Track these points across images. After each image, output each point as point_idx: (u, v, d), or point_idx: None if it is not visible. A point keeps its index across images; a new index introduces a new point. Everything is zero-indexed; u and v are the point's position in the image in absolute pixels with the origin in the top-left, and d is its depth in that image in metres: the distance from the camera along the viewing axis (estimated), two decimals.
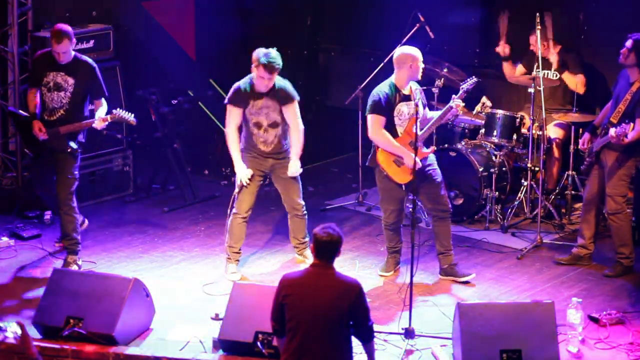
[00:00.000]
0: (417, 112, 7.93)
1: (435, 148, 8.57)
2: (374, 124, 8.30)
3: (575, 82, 9.84)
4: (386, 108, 8.28)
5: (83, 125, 8.58)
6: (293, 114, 8.47)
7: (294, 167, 8.54)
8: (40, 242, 9.29)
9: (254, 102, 8.41)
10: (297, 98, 8.49)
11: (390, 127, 8.33)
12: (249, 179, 8.49)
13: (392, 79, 8.33)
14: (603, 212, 8.85)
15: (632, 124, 8.17)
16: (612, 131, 8.16)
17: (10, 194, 10.19)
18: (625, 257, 8.65)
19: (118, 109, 8.66)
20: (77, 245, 8.77)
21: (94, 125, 8.56)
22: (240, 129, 8.57)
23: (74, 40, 8.64)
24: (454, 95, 8.32)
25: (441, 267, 8.57)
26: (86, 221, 9.26)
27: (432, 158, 8.46)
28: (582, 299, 7.63)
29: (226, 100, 8.53)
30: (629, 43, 8.39)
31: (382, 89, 8.32)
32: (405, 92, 8.29)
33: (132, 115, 8.70)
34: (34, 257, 9.05)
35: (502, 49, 10.19)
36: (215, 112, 11.10)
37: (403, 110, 8.30)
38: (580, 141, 8.80)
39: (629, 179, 8.67)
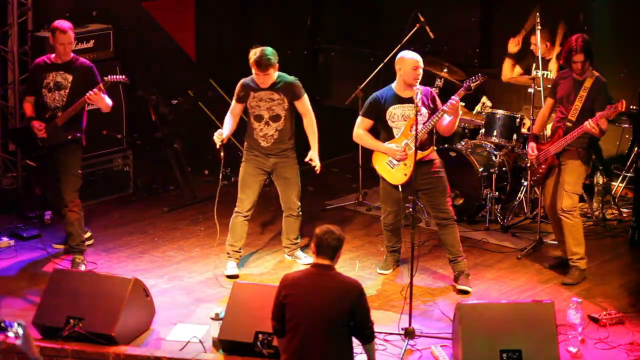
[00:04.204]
0: (417, 114, 7.88)
1: (435, 148, 8.50)
2: (356, 126, 8.43)
3: None
4: (374, 111, 8.32)
5: (77, 105, 8.56)
6: (305, 107, 8.54)
7: (315, 158, 8.56)
8: (40, 242, 9.29)
9: (254, 94, 8.46)
10: (305, 94, 8.56)
11: (386, 130, 8.34)
12: (223, 139, 8.44)
13: (394, 82, 8.34)
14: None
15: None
16: (589, 123, 8.15)
17: (10, 194, 10.19)
18: (580, 258, 8.53)
19: (108, 76, 8.66)
20: (83, 245, 8.80)
21: (88, 99, 8.52)
22: (241, 124, 8.62)
23: (74, 34, 8.69)
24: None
25: (453, 273, 8.53)
26: (92, 239, 9.27)
27: (437, 165, 8.37)
28: (582, 299, 7.64)
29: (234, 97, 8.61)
30: (580, 57, 8.30)
31: (377, 92, 8.38)
32: (404, 95, 8.23)
33: (123, 76, 8.73)
34: (34, 257, 9.05)
35: (514, 45, 10.03)
36: (215, 112, 11.10)
37: (396, 112, 8.28)
38: (529, 150, 8.65)
39: (584, 177, 8.68)
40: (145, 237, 9.55)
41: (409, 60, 8.20)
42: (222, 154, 8.44)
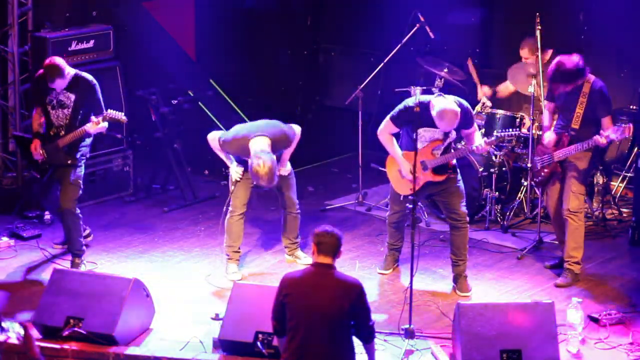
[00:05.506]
0: (447, 136, 7.80)
1: (447, 175, 8.34)
2: (384, 127, 8.28)
3: None
4: (405, 122, 8.18)
5: (78, 133, 8.57)
6: (283, 158, 8.50)
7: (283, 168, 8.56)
8: (41, 242, 9.29)
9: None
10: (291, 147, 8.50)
11: (410, 139, 8.17)
12: (241, 175, 8.48)
13: (433, 101, 8.10)
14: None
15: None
16: (602, 139, 8.12)
17: (10, 194, 10.19)
18: (576, 263, 8.50)
19: (109, 110, 8.64)
20: (82, 249, 8.79)
21: (88, 129, 8.54)
22: None
23: (67, 73, 8.53)
24: (485, 138, 8.30)
25: (452, 274, 8.54)
26: (92, 235, 9.28)
27: (455, 172, 8.38)
28: (582, 299, 7.64)
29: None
30: (566, 88, 8.28)
31: (419, 103, 7.93)
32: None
33: (123, 113, 8.70)
34: (34, 257, 9.04)
35: (483, 92, 10.10)
36: (215, 112, 11.10)
37: (425, 135, 8.19)
38: (548, 142, 8.52)
39: (588, 177, 8.71)
40: (145, 237, 9.55)
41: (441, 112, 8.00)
42: (232, 187, 8.50)
